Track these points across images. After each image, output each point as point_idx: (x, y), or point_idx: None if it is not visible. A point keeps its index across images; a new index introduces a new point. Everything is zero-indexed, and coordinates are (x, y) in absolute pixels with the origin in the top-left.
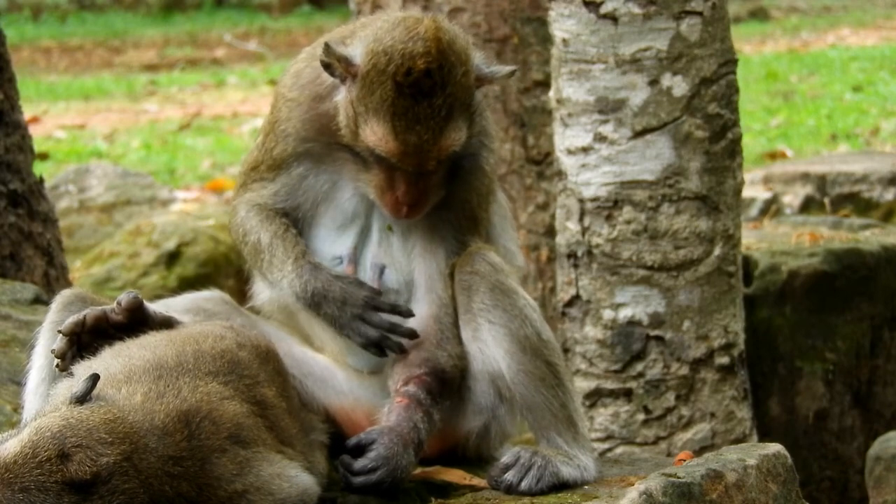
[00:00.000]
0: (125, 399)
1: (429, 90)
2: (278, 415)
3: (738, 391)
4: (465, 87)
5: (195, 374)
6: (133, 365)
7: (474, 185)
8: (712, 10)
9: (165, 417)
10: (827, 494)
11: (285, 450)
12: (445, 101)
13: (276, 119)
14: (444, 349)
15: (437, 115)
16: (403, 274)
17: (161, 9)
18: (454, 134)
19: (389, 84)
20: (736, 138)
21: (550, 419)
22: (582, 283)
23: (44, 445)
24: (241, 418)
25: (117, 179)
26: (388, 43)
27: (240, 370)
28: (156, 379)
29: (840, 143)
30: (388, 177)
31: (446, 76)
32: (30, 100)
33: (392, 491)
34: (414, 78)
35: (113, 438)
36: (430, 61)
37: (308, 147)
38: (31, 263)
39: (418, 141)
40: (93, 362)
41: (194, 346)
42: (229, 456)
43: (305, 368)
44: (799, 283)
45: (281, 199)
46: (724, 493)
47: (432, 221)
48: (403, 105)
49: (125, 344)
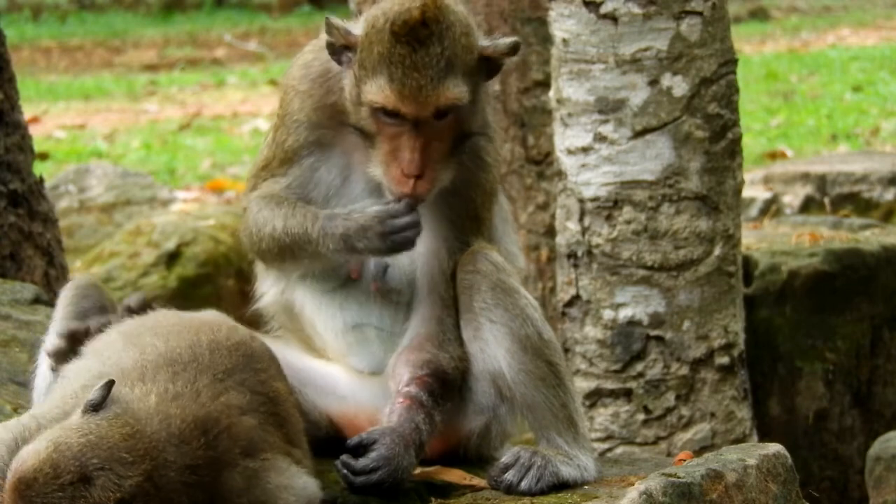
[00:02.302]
0: (140, 401)
1: (425, 38)
2: (289, 410)
3: (738, 391)
4: (465, 47)
5: (213, 372)
6: (146, 360)
7: (478, 181)
8: (712, 10)
9: (182, 424)
10: (827, 494)
11: (293, 451)
12: (443, 53)
13: (286, 112)
14: (445, 350)
15: (434, 63)
16: (406, 274)
17: (161, 9)
18: (454, 87)
19: (387, 36)
20: (736, 138)
21: (551, 419)
22: (582, 283)
23: (65, 467)
24: (255, 431)
25: (117, 179)
26: (385, 7)
27: (254, 363)
28: (172, 377)
29: (840, 143)
30: (392, 147)
31: (444, 30)
32: (30, 100)
33: (392, 491)
34: (410, 26)
35: (134, 458)
36: (427, 10)
37: (319, 135)
38: (31, 263)
39: (416, 85)
40: (104, 352)
41: (210, 335)
42: (239, 470)
43: (305, 378)
44: (799, 283)
45: (293, 192)
46: (724, 493)
47: (435, 220)
48: (401, 53)
49: (136, 329)
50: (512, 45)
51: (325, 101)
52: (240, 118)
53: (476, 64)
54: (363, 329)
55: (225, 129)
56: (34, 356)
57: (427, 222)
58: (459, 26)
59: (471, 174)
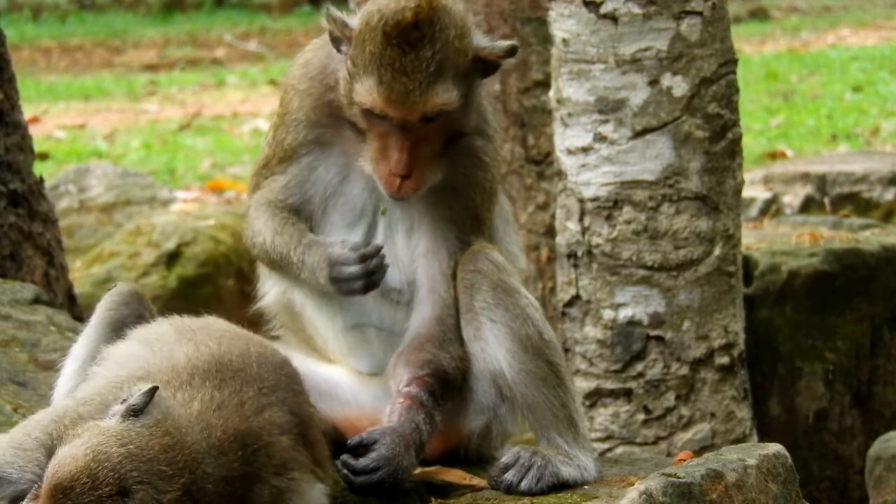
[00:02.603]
0: (182, 407)
1: (416, 41)
2: (317, 435)
3: (738, 391)
4: (458, 50)
5: (259, 386)
6: (199, 358)
7: (477, 180)
8: (712, 10)
9: (223, 435)
10: (827, 494)
11: (317, 470)
12: (434, 56)
13: (285, 110)
14: (446, 350)
15: (424, 67)
16: (406, 274)
17: (161, 9)
18: (443, 92)
19: (379, 36)
20: (736, 138)
21: (551, 419)
22: (582, 283)
23: (104, 478)
24: (289, 451)
25: (117, 179)
26: (382, 3)
27: (294, 384)
28: (219, 383)
29: (840, 143)
30: (381, 145)
31: (437, 32)
32: (30, 100)
33: (392, 491)
34: (402, 28)
35: (174, 471)
36: (420, 13)
37: (318, 133)
38: (31, 263)
39: (404, 90)
40: (154, 342)
41: (259, 348)
42: (268, 487)
43: (308, 384)
44: (799, 283)
45: (291, 192)
46: (724, 493)
47: (435, 220)
48: (391, 55)
49: (189, 325)
50: (509, 48)
51: (324, 99)
52: (240, 118)
53: (471, 65)
54: (363, 329)
55: (225, 129)
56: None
57: (426, 222)
58: (454, 28)
59: (469, 173)
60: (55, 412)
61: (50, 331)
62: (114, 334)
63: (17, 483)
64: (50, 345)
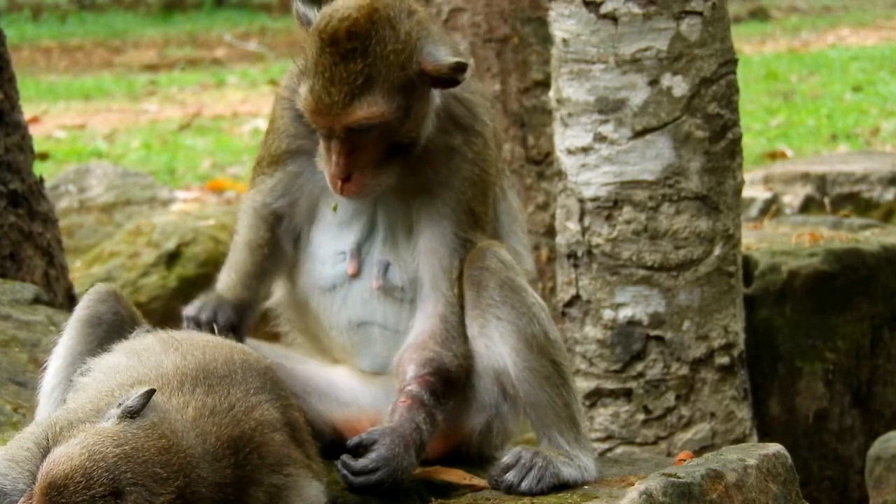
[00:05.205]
0: (177, 412)
1: (347, 53)
2: (306, 437)
3: (738, 391)
4: (394, 64)
5: (246, 388)
6: (186, 367)
7: (464, 174)
8: (712, 10)
9: (217, 441)
10: (827, 494)
11: (312, 465)
12: (364, 70)
13: (273, 117)
14: (449, 348)
15: (351, 80)
16: (408, 272)
17: (161, 9)
18: (368, 106)
19: (317, 42)
20: (736, 138)
21: (553, 418)
22: (582, 283)
23: (98, 478)
24: (283, 448)
25: (117, 179)
26: (333, 7)
27: (279, 389)
28: (208, 390)
29: (840, 143)
30: (325, 146)
31: (371, 45)
32: (30, 100)
33: (392, 491)
34: (335, 38)
35: (168, 474)
36: (354, 25)
37: (300, 144)
38: (31, 263)
39: (329, 101)
40: (142, 352)
41: (242, 355)
42: (264, 488)
43: (309, 386)
44: (799, 283)
45: (278, 194)
46: (724, 493)
47: (432, 217)
48: (323, 64)
49: (172, 336)
50: (454, 64)
51: None
52: (240, 118)
53: (414, 78)
54: (367, 327)
55: (225, 129)
56: (34, 356)
57: (424, 219)
58: (393, 42)
59: (455, 169)
60: (48, 422)
61: (50, 331)
62: (91, 330)
63: (10, 495)
64: (50, 345)
